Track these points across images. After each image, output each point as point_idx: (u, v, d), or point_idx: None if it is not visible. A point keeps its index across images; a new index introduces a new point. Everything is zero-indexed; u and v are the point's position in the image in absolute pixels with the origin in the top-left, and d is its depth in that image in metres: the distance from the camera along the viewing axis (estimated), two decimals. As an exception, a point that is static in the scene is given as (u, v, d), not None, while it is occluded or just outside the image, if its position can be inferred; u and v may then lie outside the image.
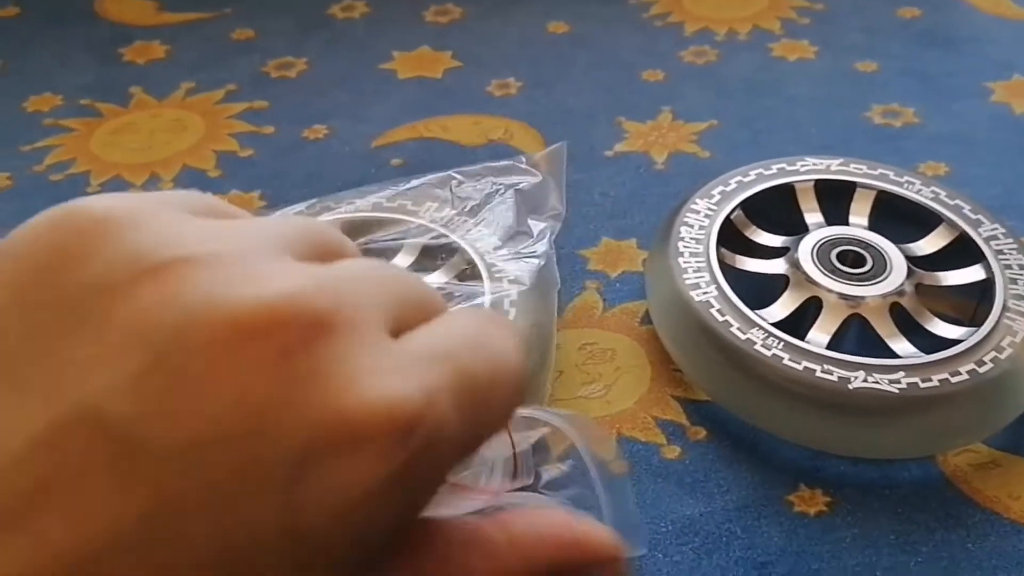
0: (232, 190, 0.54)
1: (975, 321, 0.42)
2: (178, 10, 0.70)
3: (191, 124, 0.59)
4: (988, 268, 0.42)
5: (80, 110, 0.60)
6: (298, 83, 0.63)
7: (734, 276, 0.43)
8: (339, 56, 0.66)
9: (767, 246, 0.45)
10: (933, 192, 0.46)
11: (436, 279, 0.43)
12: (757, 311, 0.41)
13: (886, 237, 0.44)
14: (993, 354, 0.38)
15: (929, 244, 0.45)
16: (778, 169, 0.48)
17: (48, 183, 0.54)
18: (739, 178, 0.47)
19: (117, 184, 0.54)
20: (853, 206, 0.47)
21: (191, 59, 0.65)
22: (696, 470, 0.39)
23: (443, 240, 0.45)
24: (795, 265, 0.43)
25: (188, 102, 0.61)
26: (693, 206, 0.46)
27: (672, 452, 0.40)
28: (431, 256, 0.45)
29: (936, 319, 0.41)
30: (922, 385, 0.37)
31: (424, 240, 0.45)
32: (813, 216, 0.46)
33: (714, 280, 0.42)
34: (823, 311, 0.41)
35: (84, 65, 0.65)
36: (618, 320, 0.46)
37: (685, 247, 0.44)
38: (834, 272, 0.42)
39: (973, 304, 0.43)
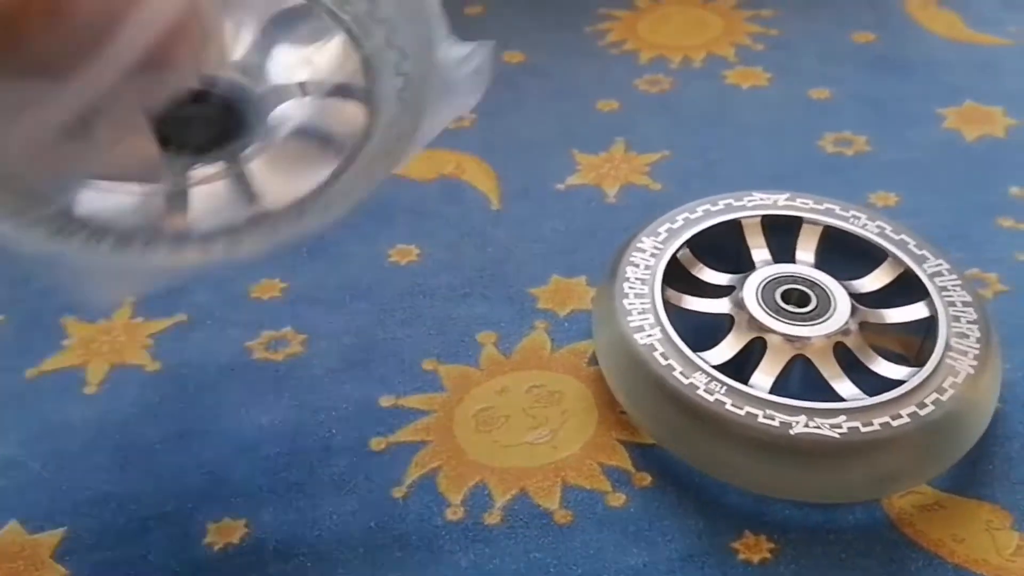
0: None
1: (920, 358, 0.42)
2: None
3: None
4: (932, 306, 0.42)
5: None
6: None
7: (679, 316, 0.43)
8: (293, 89, 0.65)
9: (713, 284, 0.45)
10: (879, 227, 0.46)
11: None
12: (702, 353, 0.41)
13: (832, 273, 0.44)
14: (935, 396, 0.38)
15: (874, 280, 0.45)
16: (725, 205, 0.48)
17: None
18: (686, 215, 0.47)
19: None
20: (799, 241, 0.47)
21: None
22: (640, 518, 0.39)
23: None
24: (739, 305, 0.43)
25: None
26: (639, 244, 0.46)
27: (617, 500, 0.39)
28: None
29: (880, 359, 0.41)
30: (863, 429, 0.37)
31: None
32: (760, 252, 0.46)
33: (658, 322, 0.42)
34: (767, 352, 0.41)
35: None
36: (566, 361, 0.45)
37: (630, 288, 0.44)
38: (778, 312, 0.42)
39: (919, 340, 0.43)
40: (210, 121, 0.35)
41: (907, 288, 0.44)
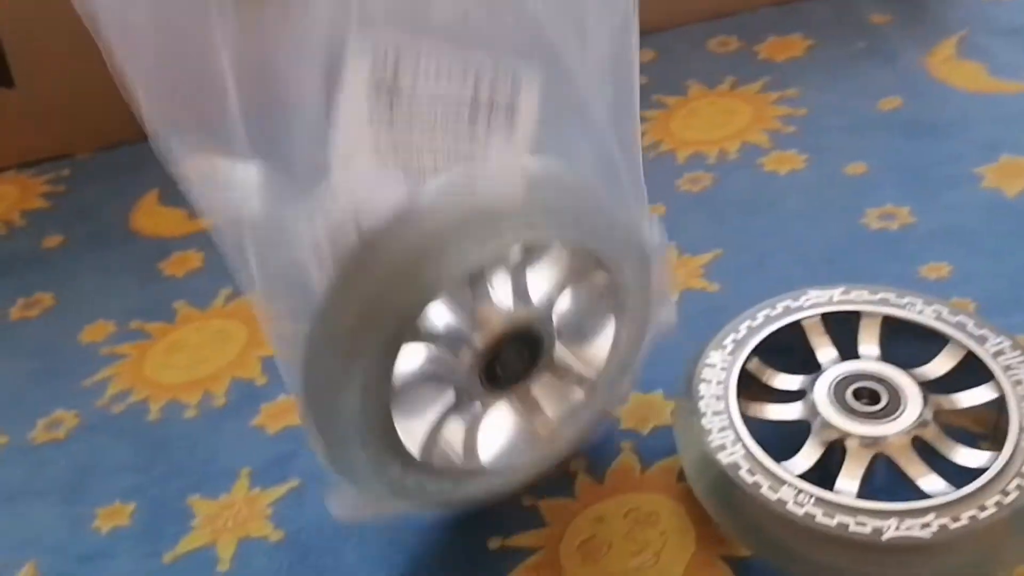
0: (280, 395, 0.57)
1: (997, 434, 0.43)
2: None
3: (234, 333, 0.63)
4: (998, 387, 0.44)
5: (131, 334, 0.65)
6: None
7: (757, 427, 0.45)
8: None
9: (785, 390, 0.47)
10: (935, 311, 0.48)
11: None
12: (784, 462, 0.43)
13: (897, 363, 0.46)
14: (1017, 481, 0.40)
15: (939, 366, 0.46)
16: (783, 308, 0.50)
17: (112, 416, 0.58)
18: (748, 323, 0.50)
19: (174, 407, 0.58)
20: (860, 335, 0.49)
21: (225, 263, 0.69)
22: (752, 633, 0.41)
23: None
24: (813, 410, 0.45)
25: (228, 309, 0.65)
26: (708, 361, 0.48)
27: (726, 617, 0.41)
28: None
29: (958, 446, 0.43)
30: (952, 526, 0.39)
31: None
32: (825, 352, 0.48)
33: (739, 439, 0.44)
34: (847, 456, 0.43)
35: (129, 286, 0.69)
36: (657, 479, 0.48)
37: (707, 406, 0.46)
38: (852, 413, 0.44)
39: (994, 415, 0.45)
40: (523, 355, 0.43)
41: (973, 370, 0.45)
